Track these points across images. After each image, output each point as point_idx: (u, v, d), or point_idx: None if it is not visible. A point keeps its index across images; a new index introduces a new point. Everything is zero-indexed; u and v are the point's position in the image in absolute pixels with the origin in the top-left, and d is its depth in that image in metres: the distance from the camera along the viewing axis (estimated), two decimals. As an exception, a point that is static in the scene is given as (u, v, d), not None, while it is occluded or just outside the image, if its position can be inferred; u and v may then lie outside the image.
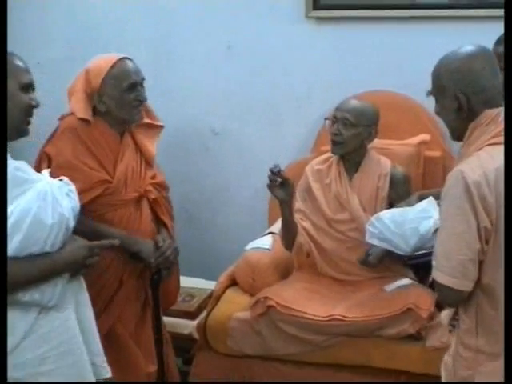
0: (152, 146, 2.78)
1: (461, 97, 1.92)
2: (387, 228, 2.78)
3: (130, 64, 2.65)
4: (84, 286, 2.12)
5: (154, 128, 2.81)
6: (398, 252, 2.80)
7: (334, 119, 2.99)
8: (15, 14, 3.86)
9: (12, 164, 1.93)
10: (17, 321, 1.92)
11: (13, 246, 1.88)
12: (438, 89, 1.98)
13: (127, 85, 2.61)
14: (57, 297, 1.97)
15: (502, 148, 1.84)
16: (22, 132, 2.04)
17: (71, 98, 2.66)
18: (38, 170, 2.50)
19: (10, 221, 1.87)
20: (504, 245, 1.82)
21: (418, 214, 2.71)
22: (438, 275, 1.88)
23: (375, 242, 2.84)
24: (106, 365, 2.15)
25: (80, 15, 3.88)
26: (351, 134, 2.95)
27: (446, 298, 1.95)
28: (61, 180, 2.07)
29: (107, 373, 2.15)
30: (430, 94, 2.02)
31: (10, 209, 1.87)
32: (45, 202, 1.93)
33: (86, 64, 2.69)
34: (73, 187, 2.09)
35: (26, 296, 1.93)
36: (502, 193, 1.81)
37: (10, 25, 3.68)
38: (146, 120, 2.77)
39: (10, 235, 1.87)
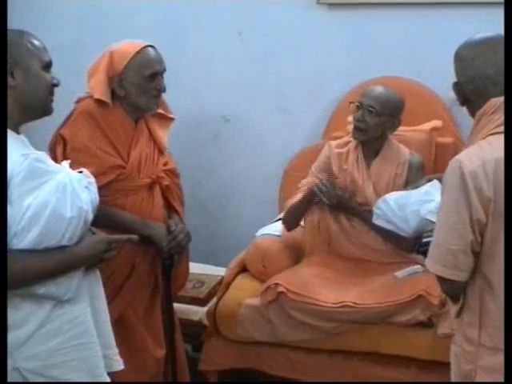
0: (164, 135, 2.78)
1: (456, 86, 1.91)
2: (391, 210, 2.79)
3: (154, 52, 2.65)
4: (99, 278, 2.10)
5: (167, 119, 2.81)
6: (402, 234, 2.81)
7: (359, 104, 2.96)
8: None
9: (32, 155, 1.90)
10: (30, 313, 1.90)
11: (30, 238, 1.85)
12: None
13: (150, 73, 2.60)
14: (73, 290, 1.95)
15: (503, 137, 1.79)
16: (48, 110, 2.04)
17: (91, 79, 2.64)
18: (53, 152, 2.54)
19: (29, 213, 1.84)
20: (504, 240, 1.78)
21: (421, 197, 2.72)
22: (428, 263, 1.88)
23: (381, 223, 2.85)
24: (118, 357, 2.13)
25: (91, 1, 3.87)
26: (375, 123, 2.93)
27: (441, 287, 1.94)
28: (80, 172, 2.04)
29: (119, 365, 2.14)
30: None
31: (28, 201, 1.84)
32: (64, 194, 1.89)
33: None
34: (92, 180, 2.05)
35: (42, 289, 1.90)
36: (502, 184, 1.77)
37: (21, 10, 3.74)
38: (160, 110, 2.76)
39: (28, 227, 1.84)
